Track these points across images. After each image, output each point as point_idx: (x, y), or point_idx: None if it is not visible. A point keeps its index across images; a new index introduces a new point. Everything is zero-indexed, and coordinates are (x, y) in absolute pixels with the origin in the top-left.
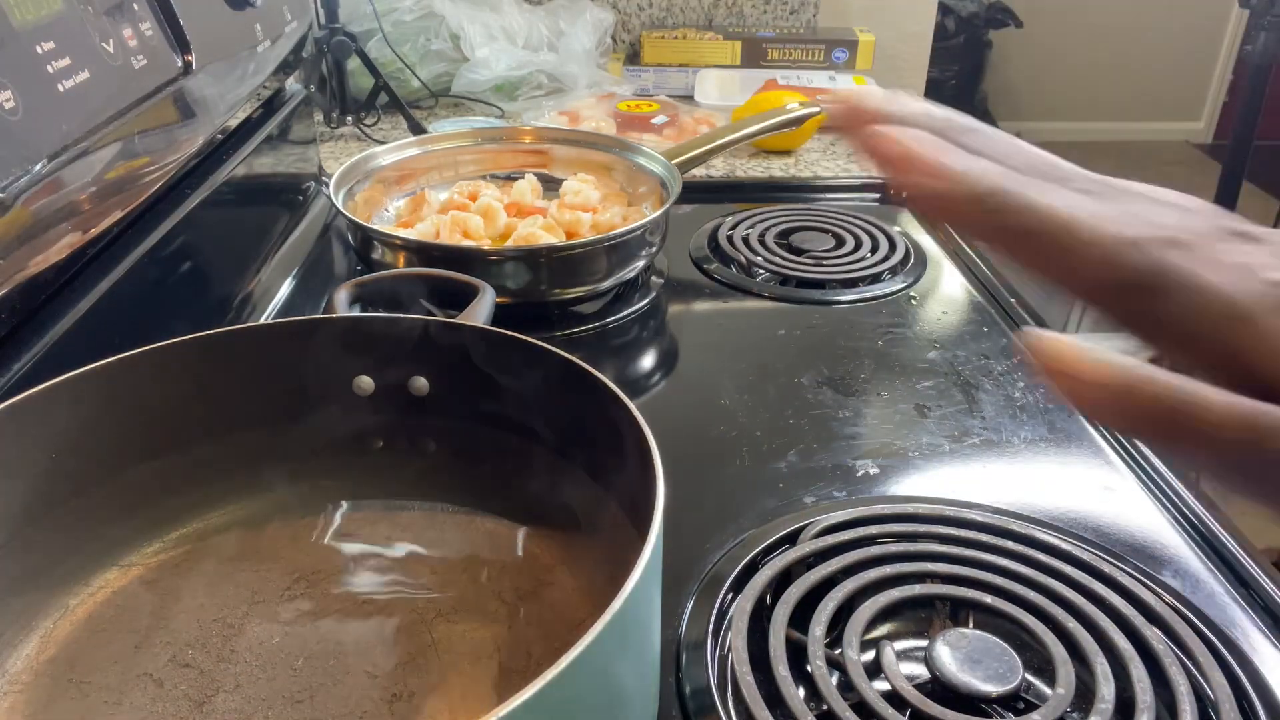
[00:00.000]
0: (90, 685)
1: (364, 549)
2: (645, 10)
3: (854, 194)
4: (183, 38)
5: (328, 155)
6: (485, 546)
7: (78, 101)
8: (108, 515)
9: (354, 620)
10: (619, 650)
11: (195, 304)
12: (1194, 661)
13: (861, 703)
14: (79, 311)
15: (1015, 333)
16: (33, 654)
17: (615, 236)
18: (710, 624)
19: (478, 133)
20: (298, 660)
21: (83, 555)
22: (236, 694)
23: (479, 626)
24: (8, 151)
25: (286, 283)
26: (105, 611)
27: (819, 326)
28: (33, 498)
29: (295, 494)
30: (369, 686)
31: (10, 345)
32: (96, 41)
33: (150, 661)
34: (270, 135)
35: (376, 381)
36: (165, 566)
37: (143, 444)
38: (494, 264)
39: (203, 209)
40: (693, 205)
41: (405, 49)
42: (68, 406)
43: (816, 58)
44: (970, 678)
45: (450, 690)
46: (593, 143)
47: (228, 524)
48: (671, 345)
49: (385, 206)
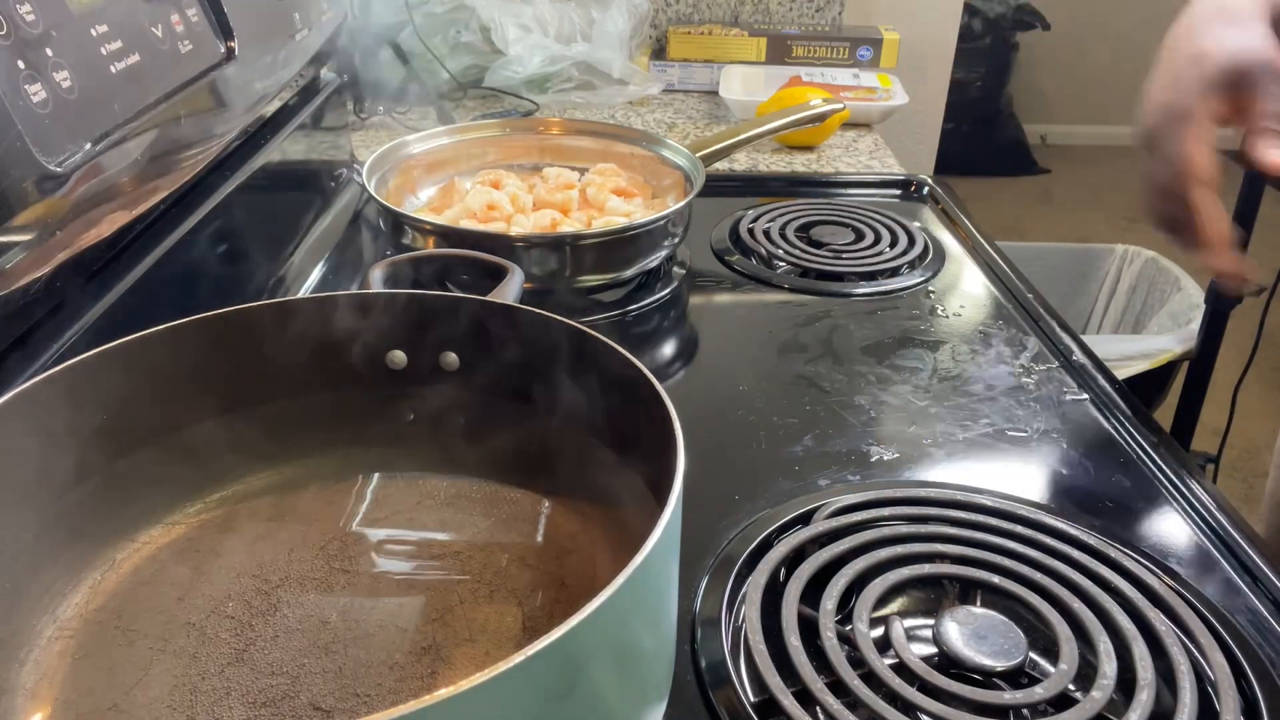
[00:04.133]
0: (136, 633)
1: (394, 514)
2: (672, 6)
3: (875, 190)
4: (226, 25)
5: (359, 143)
6: (511, 516)
7: (128, 83)
8: (152, 476)
9: (385, 580)
10: (637, 607)
11: (230, 284)
12: (1195, 643)
13: (870, 674)
14: (125, 285)
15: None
16: (82, 603)
17: (639, 226)
18: (725, 598)
19: (506, 123)
20: (331, 614)
21: (128, 513)
22: (274, 644)
23: (504, 589)
24: (64, 129)
25: (318, 267)
26: (149, 566)
27: (837, 318)
28: (83, 458)
29: (330, 461)
30: (399, 639)
31: (62, 315)
32: (146, 26)
33: (192, 612)
34: (305, 123)
35: (409, 356)
36: (206, 526)
37: (187, 410)
38: (520, 249)
39: (240, 193)
40: (715, 198)
41: (435, 41)
42: (118, 372)
43: (841, 55)
44: (976, 653)
45: (476, 645)
46: (619, 135)
47: (265, 488)
48: (692, 333)
49: (416, 194)
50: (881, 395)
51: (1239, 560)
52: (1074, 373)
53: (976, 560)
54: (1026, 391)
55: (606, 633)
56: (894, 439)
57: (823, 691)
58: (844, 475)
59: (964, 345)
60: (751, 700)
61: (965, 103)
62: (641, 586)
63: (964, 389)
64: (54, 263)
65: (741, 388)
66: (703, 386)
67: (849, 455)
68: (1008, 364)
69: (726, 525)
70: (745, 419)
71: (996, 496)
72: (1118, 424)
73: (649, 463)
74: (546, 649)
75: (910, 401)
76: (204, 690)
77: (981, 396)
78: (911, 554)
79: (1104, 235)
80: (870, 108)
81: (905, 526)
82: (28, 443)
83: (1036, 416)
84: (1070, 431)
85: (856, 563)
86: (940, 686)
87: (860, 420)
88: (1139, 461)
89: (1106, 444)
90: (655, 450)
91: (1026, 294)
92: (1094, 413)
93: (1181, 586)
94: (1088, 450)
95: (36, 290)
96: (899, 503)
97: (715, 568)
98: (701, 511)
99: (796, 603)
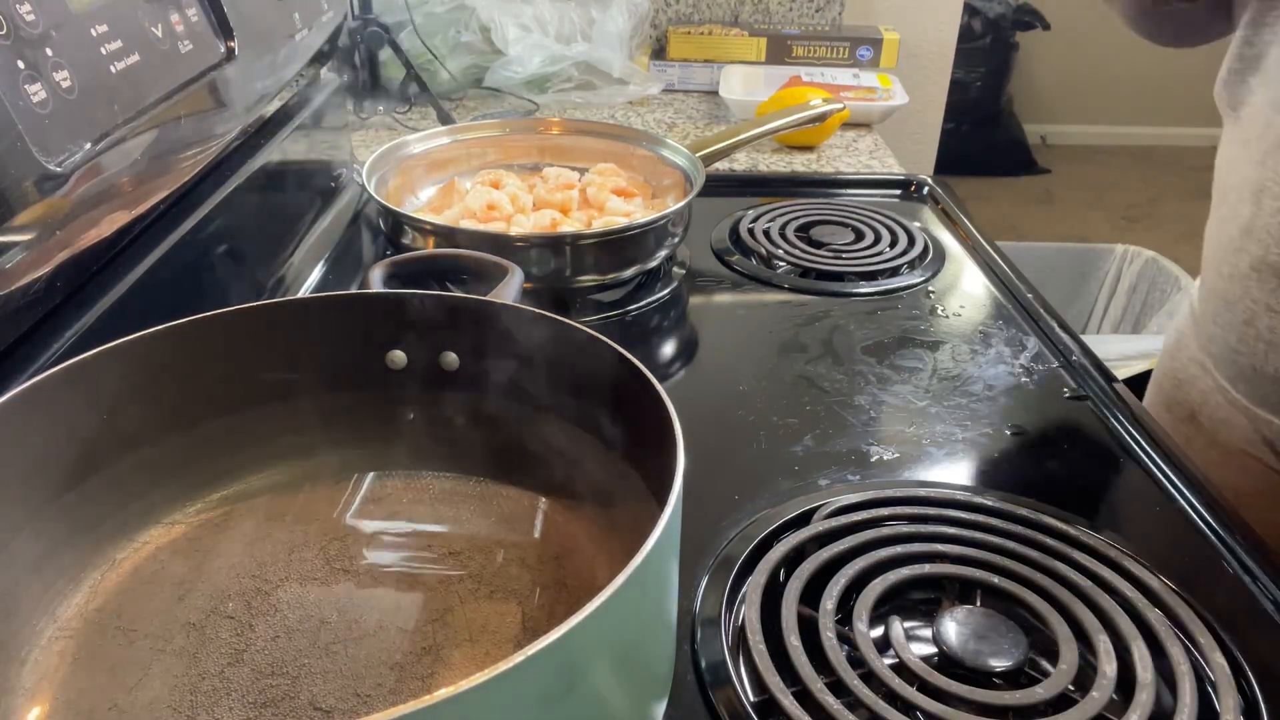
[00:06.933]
0: (136, 633)
1: (393, 514)
2: (672, 6)
3: (875, 190)
4: (226, 24)
5: (359, 143)
6: (510, 515)
7: (128, 83)
8: (152, 477)
9: (384, 581)
10: (637, 606)
11: (231, 284)
12: (1195, 643)
13: (870, 674)
14: (124, 286)
15: None
16: (82, 603)
17: (639, 226)
18: (725, 598)
19: (506, 123)
20: (331, 614)
21: (128, 513)
22: (274, 643)
23: (503, 590)
24: (64, 129)
25: (318, 267)
26: (149, 565)
27: (837, 318)
28: (83, 457)
29: (329, 461)
30: (398, 639)
31: (62, 314)
32: (146, 26)
33: (192, 612)
34: (305, 123)
35: (409, 356)
36: (206, 525)
37: (187, 410)
38: (519, 250)
39: (240, 193)
40: (715, 198)
41: (435, 41)
42: (118, 372)
43: (841, 55)
44: (976, 653)
45: (476, 645)
46: (619, 135)
47: (265, 487)
48: (692, 333)
49: (415, 194)
50: (881, 395)
51: (1239, 560)
52: (1074, 373)
53: (976, 560)
54: (1026, 391)
55: (606, 633)
56: (894, 439)
57: (822, 691)
58: (844, 475)
59: (964, 345)
60: (751, 700)
61: (965, 103)
62: (641, 586)
63: (964, 389)
64: (54, 263)
65: (741, 388)
66: (703, 386)
67: (849, 455)
68: (1008, 364)
69: (726, 525)
70: (745, 419)
71: (996, 496)
72: (1118, 424)
73: (649, 462)
74: (546, 649)
75: (910, 401)
76: (204, 690)
77: (981, 396)
78: (911, 554)
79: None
80: (870, 108)
81: (905, 526)
82: (28, 442)
83: (1036, 416)
84: (1070, 431)
85: (856, 563)
86: (940, 686)
87: (860, 420)
88: (1138, 461)
89: (1106, 444)
90: (655, 450)
91: (1026, 294)
92: (1094, 413)
93: (1181, 586)
94: (1087, 450)
95: (36, 290)
96: (899, 503)
97: (715, 568)
98: (701, 511)
99: (796, 603)
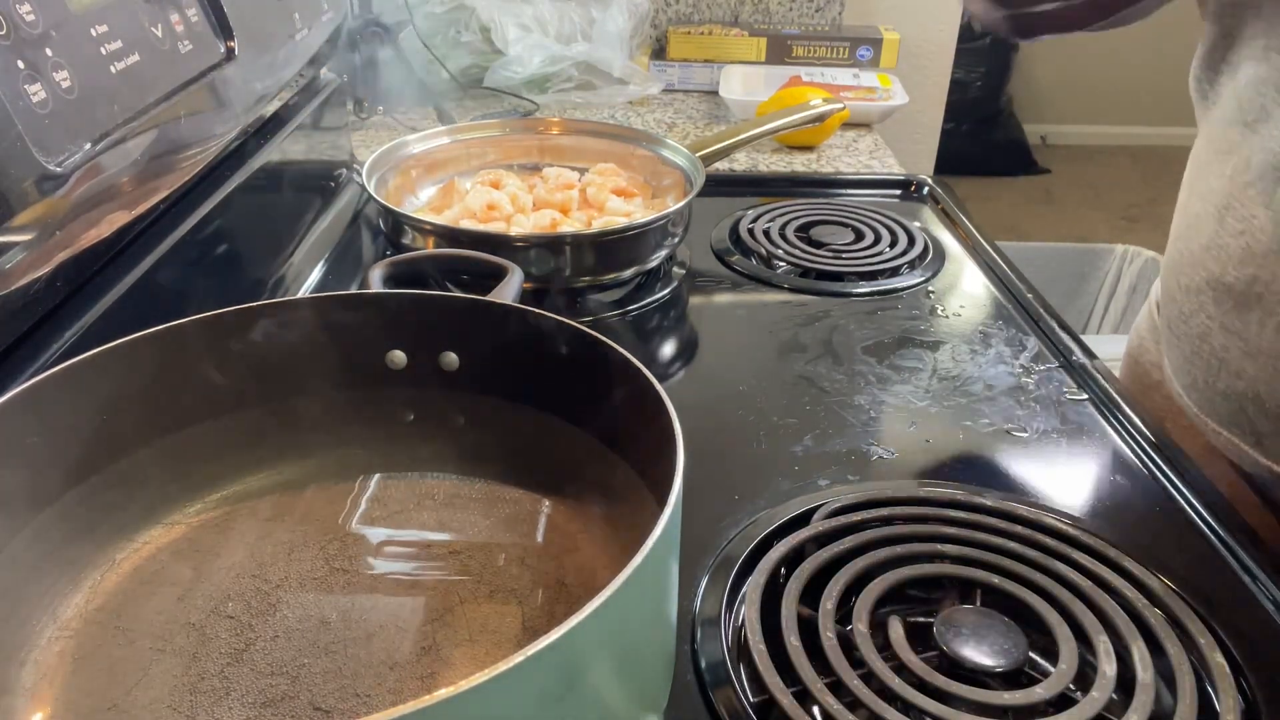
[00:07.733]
0: (136, 633)
1: (394, 515)
2: (672, 6)
3: (874, 190)
4: (226, 24)
5: (359, 143)
6: (511, 516)
7: (128, 83)
8: (152, 477)
9: (385, 581)
10: (637, 607)
11: (231, 284)
12: (1195, 643)
13: (870, 674)
14: (124, 286)
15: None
16: (82, 603)
17: (639, 226)
18: (725, 598)
19: (506, 123)
20: (332, 615)
21: (128, 513)
22: (274, 643)
23: (504, 590)
24: (64, 129)
25: (318, 267)
26: (149, 566)
27: (837, 318)
28: (83, 457)
29: (330, 462)
30: (399, 639)
31: (62, 314)
32: (146, 26)
33: (192, 612)
34: (304, 123)
35: (409, 356)
36: (206, 525)
37: (187, 410)
38: (520, 249)
39: (239, 193)
40: (715, 198)
41: (435, 41)
42: (118, 372)
43: (841, 55)
44: (975, 653)
45: (476, 645)
46: (619, 135)
47: (265, 488)
48: (692, 333)
49: (415, 194)
50: (881, 395)
51: (1239, 560)
52: (1074, 373)
53: (976, 560)
54: (1026, 391)
55: (606, 633)
56: (894, 439)
57: (822, 692)
58: (844, 475)
59: (964, 345)
60: (751, 700)
61: (965, 103)
62: (641, 586)
63: (964, 389)
64: (54, 263)
65: (741, 388)
66: (703, 386)
67: (849, 455)
68: (1008, 364)
69: (726, 525)
70: (745, 419)
71: (996, 496)
72: (1117, 424)
73: (649, 463)
74: (546, 649)
75: (910, 401)
76: (204, 690)
77: (981, 396)
78: (911, 554)
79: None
80: (870, 108)
81: (905, 526)
82: (28, 442)
83: (1036, 416)
84: (1070, 431)
85: (856, 563)
86: (940, 687)
87: (860, 420)
88: (1138, 461)
89: (1106, 444)
90: (655, 450)
91: (1026, 294)
92: (1094, 413)
93: (1181, 587)
94: (1087, 450)
95: (36, 290)
96: (899, 502)
97: (715, 568)
98: (701, 511)
99: (796, 603)
